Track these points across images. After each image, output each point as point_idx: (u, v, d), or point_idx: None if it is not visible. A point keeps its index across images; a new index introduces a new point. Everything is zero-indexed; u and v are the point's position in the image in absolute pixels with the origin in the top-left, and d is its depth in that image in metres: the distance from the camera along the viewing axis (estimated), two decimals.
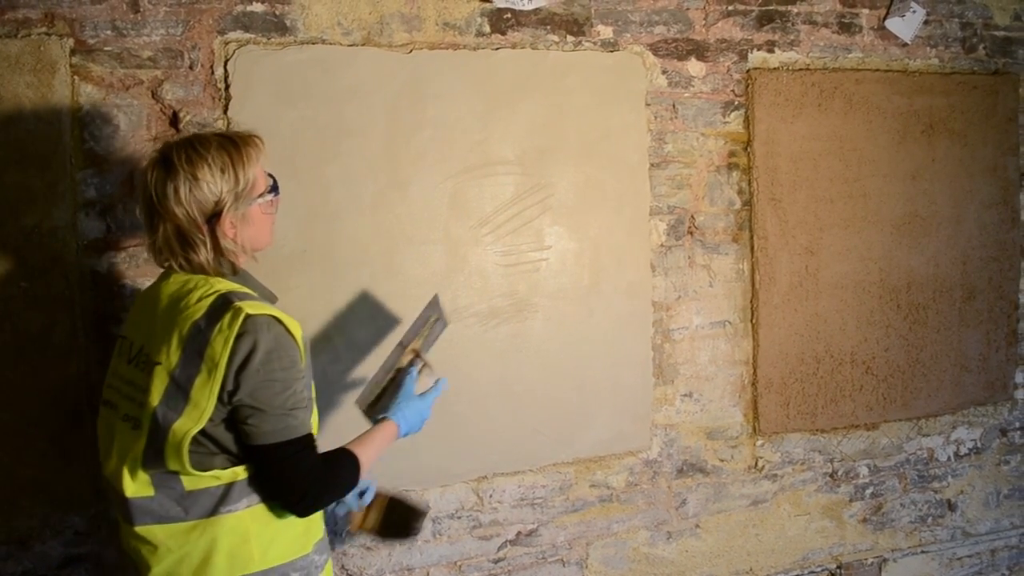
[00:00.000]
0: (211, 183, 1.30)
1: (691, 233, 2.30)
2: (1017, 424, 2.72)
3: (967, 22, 2.54)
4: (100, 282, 1.83)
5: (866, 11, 2.43)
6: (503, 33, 2.08)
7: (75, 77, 1.79)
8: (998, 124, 2.57)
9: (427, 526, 2.11)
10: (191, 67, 1.86)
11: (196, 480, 1.26)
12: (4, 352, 1.76)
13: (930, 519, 2.65)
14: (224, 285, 1.32)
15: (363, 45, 1.97)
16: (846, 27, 2.42)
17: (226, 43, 1.87)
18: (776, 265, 2.36)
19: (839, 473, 2.52)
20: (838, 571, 2.55)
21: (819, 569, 2.53)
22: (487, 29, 2.07)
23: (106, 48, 1.80)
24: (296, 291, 1.90)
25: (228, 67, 1.86)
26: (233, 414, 1.26)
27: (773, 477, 2.45)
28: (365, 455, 1.42)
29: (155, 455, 1.25)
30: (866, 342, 2.47)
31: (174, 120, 1.85)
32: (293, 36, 1.92)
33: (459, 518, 2.14)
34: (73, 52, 1.78)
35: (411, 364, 1.69)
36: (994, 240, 2.59)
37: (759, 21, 2.33)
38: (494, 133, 2.08)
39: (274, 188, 1.43)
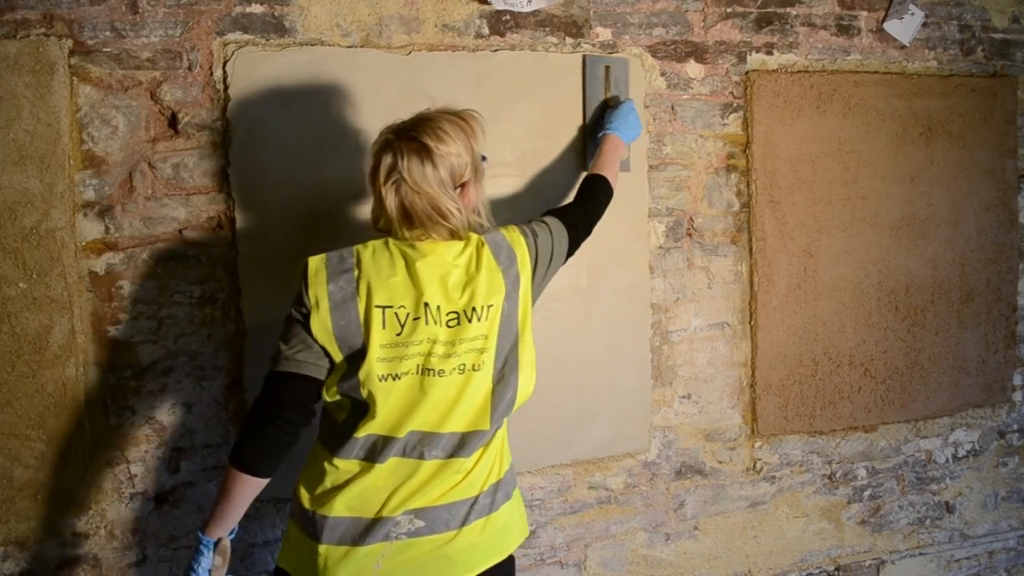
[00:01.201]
0: (461, 157, 1.45)
1: (690, 235, 2.30)
2: (1015, 426, 2.72)
3: (965, 24, 2.55)
4: (98, 283, 1.83)
5: (864, 13, 2.43)
6: (502, 35, 2.08)
7: (74, 78, 1.79)
8: (996, 126, 2.57)
9: None
10: (190, 68, 1.86)
11: (525, 390, 1.51)
12: (3, 353, 1.77)
13: (928, 521, 2.65)
14: (473, 236, 1.51)
15: (362, 47, 1.97)
16: (845, 29, 2.42)
17: (225, 44, 1.87)
18: (774, 267, 2.36)
19: (837, 475, 2.52)
20: (836, 573, 2.55)
21: (817, 571, 2.53)
22: (486, 31, 2.07)
23: (105, 49, 1.80)
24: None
25: (227, 68, 1.86)
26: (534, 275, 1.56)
27: (771, 479, 2.45)
28: (605, 169, 1.87)
29: (504, 382, 1.46)
30: (864, 344, 2.47)
31: (173, 121, 1.85)
32: (292, 37, 1.92)
33: None
34: (72, 53, 1.78)
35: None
36: (992, 242, 2.59)
37: (758, 23, 2.33)
38: (493, 135, 2.06)
39: (483, 156, 1.57)
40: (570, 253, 1.67)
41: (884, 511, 2.59)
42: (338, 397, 1.41)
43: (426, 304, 1.40)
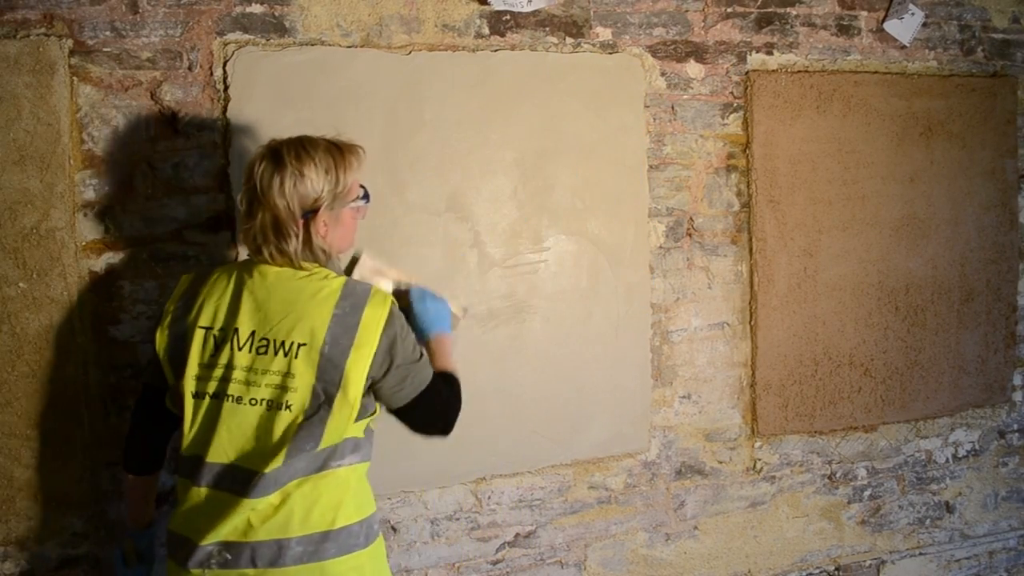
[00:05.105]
0: (314, 181, 1.42)
1: (690, 235, 2.30)
2: (1015, 426, 2.72)
3: (965, 24, 2.55)
4: (98, 283, 1.83)
5: (865, 13, 2.43)
6: (502, 35, 2.08)
7: (74, 78, 1.79)
8: (996, 126, 2.57)
9: (425, 527, 2.11)
10: (190, 68, 1.86)
11: (331, 439, 1.40)
12: (2, 353, 1.76)
13: (928, 521, 2.65)
14: (333, 274, 1.46)
15: (362, 46, 1.97)
16: (845, 29, 2.42)
17: (225, 44, 1.87)
18: (774, 267, 2.36)
19: (837, 475, 2.52)
20: (836, 573, 2.55)
21: (817, 571, 2.53)
22: (486, 31, 2.07)
23: (105, 49, 1.80)
24: None
25: (227, 68, 1.86)
26: (378, 383, 1.43)
27: (771, 479, 2.45)
28: (446, 367, 1.59)
29: (309, 428, 1.37)
30: (864, 344, 2.47)
31: (173, 121, 1.85)
32: (292, 37, 1.92)
33: (457, 520, 2.14)
34: (72, 53, 1.78)
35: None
36: (992, 242, 2.59)
37: (758, 23, 2.33)
38: (493, 135, 2.08)
39: (366, 196, 1.54)
40: (400, 406, 1.47)
41: (884, 511, 2.59)
42: (174, 409, 1.50)
43: (236, 329, 1.41)
